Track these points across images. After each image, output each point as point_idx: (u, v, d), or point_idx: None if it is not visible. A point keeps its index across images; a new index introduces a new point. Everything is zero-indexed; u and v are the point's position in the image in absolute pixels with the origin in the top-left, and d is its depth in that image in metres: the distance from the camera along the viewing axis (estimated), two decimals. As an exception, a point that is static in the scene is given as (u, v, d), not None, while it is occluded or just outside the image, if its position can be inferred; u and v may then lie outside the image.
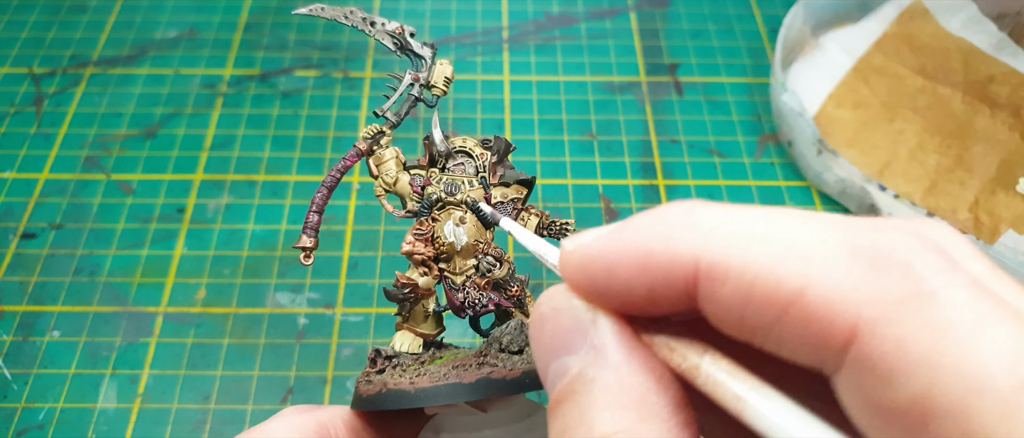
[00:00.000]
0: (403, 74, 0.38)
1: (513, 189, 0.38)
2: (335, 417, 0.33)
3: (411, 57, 0.39)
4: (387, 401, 0.32)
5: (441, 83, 0.39)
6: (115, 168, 0.67)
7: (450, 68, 0.39)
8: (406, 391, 0.32)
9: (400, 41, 0.39)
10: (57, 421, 0.52)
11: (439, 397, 0.31)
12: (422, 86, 0.38)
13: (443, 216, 0.37)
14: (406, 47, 0.39)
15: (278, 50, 0.77)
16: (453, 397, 0.31)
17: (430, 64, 0.39)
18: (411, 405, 0.31)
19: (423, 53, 0.39)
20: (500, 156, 0.38)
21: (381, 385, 0.33)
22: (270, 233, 0.63)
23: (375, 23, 0.39)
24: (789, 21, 0.71)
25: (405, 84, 0.38)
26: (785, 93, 0.67)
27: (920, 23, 0.71)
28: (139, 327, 0.57)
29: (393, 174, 0.38)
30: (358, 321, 0.58)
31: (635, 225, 0.22)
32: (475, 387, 0.31)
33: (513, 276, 0.37)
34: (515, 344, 0.33)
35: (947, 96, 0.68)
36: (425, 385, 0.31)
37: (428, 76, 0.38)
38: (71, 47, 0.77)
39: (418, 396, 0.31)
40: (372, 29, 0.39)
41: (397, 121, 0.38)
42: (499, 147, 0.38)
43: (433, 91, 0.39)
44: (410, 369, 0.33)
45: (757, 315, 0.20)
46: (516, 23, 0.81)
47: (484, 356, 0.33)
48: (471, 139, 0.39)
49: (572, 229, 0.38)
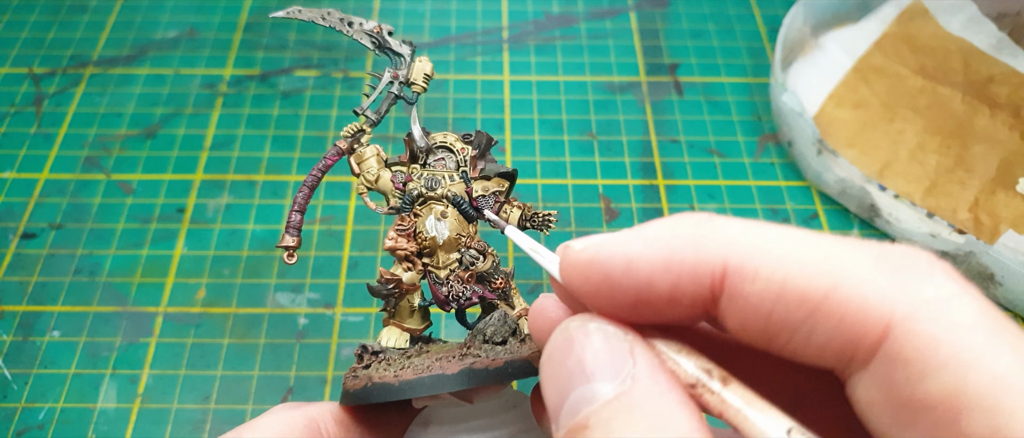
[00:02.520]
0: (382, 72, 0.39)
1: (494, 182, 0.38)
2: (325, 412, 0.34)
3: (390, 55, 0.39)
4: (372, 395, 0.32)
5: (420, 80, 0.39)
6: (115, 168, 0.67)
7: (429, 64, 0.39)
8: (390, 384, 0.32)
9: (378, 40, 0.39)
10: (57, 421, 0.52)
11: (422, 388, 0.32)
12: (402, 83, 0.39)
13: (424, 211, 0.38)
14: (384, 46, 0.39)
15: (278, 50, 0.77)
16: (436, 388, 0.32)
17: (409, 61, 0.39)
18: (395, 397, 0.32)
19: (402, 51, 0.39)
20: (481, 150, 0.38)
21: (366, 379, 0.33)
22: (270, 233, 0.63)
23: (352, 23, 0.39)
24: (789, 21, 0.71)
25: (384, 82, 0.39)
26: (785, 93, 0.67)
27: (920, 23, 0.71)
28: (139, 327, 0.57)
29: (374, 171, 0.38)
30: (358, 321, 0.58)
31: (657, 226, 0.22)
32: (458, 378, 0.32)
33: (497, 269, 0.38)
34: (498, 335, 0.34)
35: (947, 96, 0.68)
36: (409, 377, 0.32)
37: (407, 73, 0.39)
38: (71, 47, 0.77)
39: (402, 388, 0.32)
40: (350, 29, 0.39)
41: (377, 119, 0.38)
42: (480, 142, 0.38)
43: (413, 88, 0.39)
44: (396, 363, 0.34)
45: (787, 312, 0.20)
46: (516, 23, 0.81)
47: (468, 348, 0.33)
48: (452, 134, 0.39)
49: (554, 220, 0.38)
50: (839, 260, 0.20)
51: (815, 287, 0.20)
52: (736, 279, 0.21)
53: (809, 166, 0.67)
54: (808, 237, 0.21)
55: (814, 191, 0.67)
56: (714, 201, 0.66)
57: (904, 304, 0.19)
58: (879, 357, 0.19)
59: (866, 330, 0.19)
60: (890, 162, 0.65)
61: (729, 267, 0.21)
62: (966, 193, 0.63)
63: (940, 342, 0.18)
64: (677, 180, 0.67)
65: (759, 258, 0.21)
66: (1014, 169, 0.63)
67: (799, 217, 0.65)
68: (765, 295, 0.21)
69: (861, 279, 0.20)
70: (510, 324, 0.34)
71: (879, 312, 0.19)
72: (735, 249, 0.21)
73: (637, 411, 0.21)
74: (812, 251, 0.20)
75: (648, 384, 0.21)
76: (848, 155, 0.65)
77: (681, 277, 0.22)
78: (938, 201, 0.63)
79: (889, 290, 0.19)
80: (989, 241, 0.59)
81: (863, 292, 0.20)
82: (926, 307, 0.19)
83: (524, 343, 0.34)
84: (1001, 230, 0.60)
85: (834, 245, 0.21)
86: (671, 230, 0.22)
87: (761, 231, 0.21)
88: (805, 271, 0.20)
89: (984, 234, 0.60)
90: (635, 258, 0.22)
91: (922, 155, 0.65)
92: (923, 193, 0.63)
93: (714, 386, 0.21)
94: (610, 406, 0.21)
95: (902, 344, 0.19)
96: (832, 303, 0.20)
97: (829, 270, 0.20)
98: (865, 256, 0.20)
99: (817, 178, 0.66)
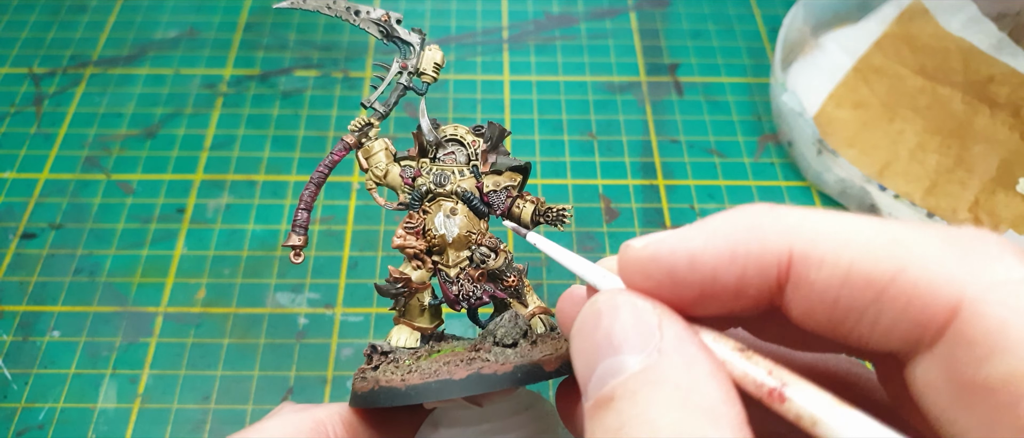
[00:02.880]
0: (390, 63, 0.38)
1: (506, 176, 0.37)
2: (332, 414, 0.33)
3: (398, 44, 0.38)
4: (379, 398, 0.32)
5: (430, 69, 0.38)
6: (115, 168, 0.67)
7: (440, 53, 0.38)
8: (397, 388, 0.31)
9: (386, 29, 0.38)
10: (57, 421, 0.52)
11: (429, 394, 0.31)
12: (411, 74, 0.37)
13: (434, 208, 0.36)
14: (392, 35, 0.38)
15: (278, 50, 0.77)
16: (442, 394, 0.31)
17: (418, 51, 0.38)
18: (403, 402, 0.31)
19: (411, 40, 0.38)
20: (493, 143, 0.37)
21: (374, 382, 0.32)
22: (270, 233, 0.63)
23: (359, 12, 0.38)
24: (789, 21, 0.71)
25: (393, 72, 0.37)
26: (785, 93, 0.67)
27: (920, 23, 0.71)
28: (139, 327, 0.57)
29: (383, 166, 0.37)
30: (358, 321, 0.58)
31: (719, 219, 0.23)
32: (465, 383, 0.31)
33: (510, 265, 0.36)
34: (509, 337, 0.33)
35: (947, 96, 0.68)
36: (415, 382, 0.31)
37: (417, 63, 0.37)
38: (71, 47, 0.77)
39: (408, 393, 0.31)
40: (356, 18, 0.38)
41: (386, 111, 0.37)
42: (492, 134, 0.37)
43: (422, 78, 0.38)
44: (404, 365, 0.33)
45: (853, 296, 0.20)
46: (516, 23, 0.81)
47: (477, 350, 0.33)
48: (462, 127, 0.38)
49: (569, 214, 0.37)
50: (905, 243, 0.20)
51: (882, 270, 0.20)
52: (802, 266, 0.21)
53: (809, 166, 0.67)
54: (873, 222, 0.21)
55: (814, 191, 0.67)
56: (714, 201, 0.66)
57: (974, 286, 0.19)
58: (946, 339, 0.19)
59: (935, 312, 0.19)
60: (890, 162, 0.65)
61: (794, 255, 0.21)
62: (966, 193, 0.63)
63: (1009, 324, 0.18)
64: (677, 180, 0.67)
65: (824, 244, 0.21)
66: (1014, 169, 0.63)
67: (799, 217, 0.65)
68: (831, 280, 0.21)
69: (929, 261, 0.20)
70: (521, 326, 0.33)
71: (948, 293, 0.19)
72: (800, 236, 0.21)
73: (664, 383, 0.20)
74: (878, 235, 0.20)
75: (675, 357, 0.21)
76: (848, 155, 0.65)
77: (747, 268, 0.22)
78: (938, 201, 0.63)
79: (958, 271, 0.19)
80: (989, 241, 0.59)
81: (931, 274, 0.19)
82: (996, 289, 0.19)
83: (535, 345, 0.33)
84: (1001, 230, 0.60)
85: (900, 229, 0.21)
86: (734, 222, 0.22)
87: (825, 217, 0.21)
88: (871, 255, 0.20)
89: (984, 234, 0.60)
90: (699, 252, 0.22)
91: (922, 155, 0.65)
92: (923, 193, 0.63)
93: (792, 392, 0.20)
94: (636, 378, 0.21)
95: (970, 325, 0.19)
96: (899, 286, 0.20)
97: (896, 253, 0.20)
98: (932, 238, 0.20)
99: (817, 178, 0.66)
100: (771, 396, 0.21)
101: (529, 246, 0.31)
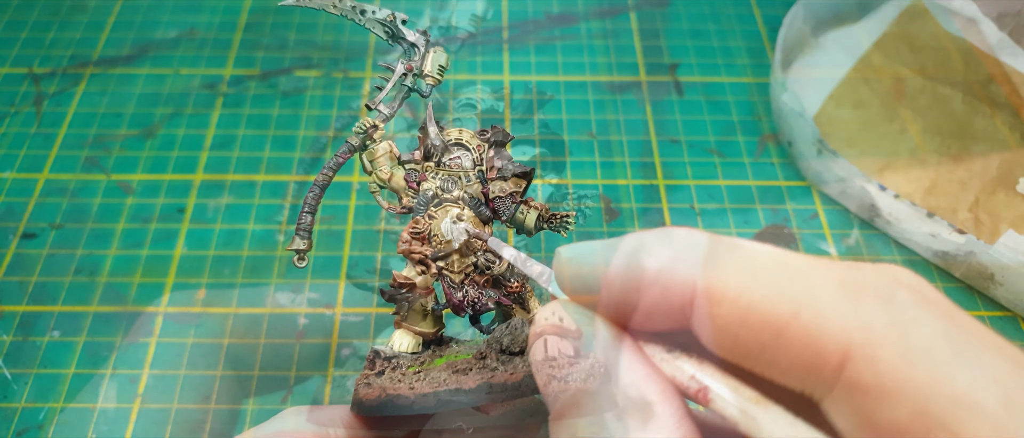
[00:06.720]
0: (395, 64, 0.37)
1: (511, 183, 0.37)
2: (334, 418, 0.33)
3: (403, 45, 0.37)
4: (387, 407, 0.31)
5: (435, 71, 0.37)
6: (115, 168, 0.67)
7: (444, 55, 0.37)
8: (405, 397, 0.31)
9: (391, 29, 0.37)
10: (57, 421, 0.52)
11: (438, 404, 0.31)
12: (416, 76, 0.37)
13: (439, 213, 0.36)
14: (397, 35, 0.37)
15: (278, 50, 0.77)
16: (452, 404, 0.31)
17: (423, 52, 0.37)
18: (411, 412, 0.31)
19: (416, 41, 0.37)
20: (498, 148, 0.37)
21: (380, 390, 0.32)
22: (270, 233, 0.63)
23: (365, 11, 0.38)
24: (789, 21, 0.71)
25: (398, 74, 0.37)
26: (785, 93, 0.67)
27: (920, 23, 0.71)
28: (139, 327, 0.57)
29: (387, 169, 0.37)
30: (358, 321, 0.58)
31: (633, 242, 0.23)
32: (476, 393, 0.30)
33: (513, 271, 0.36)
34: (516, 344, 0.33)
35: (947, 96, 0.68)
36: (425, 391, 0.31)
37: (421, 65, 0.37)
38: (71, 47, 0.77)
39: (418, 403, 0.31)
40: (362, 17, 0.38)
41: (390, 114, 0.37)
42: (497, 137, 0.37)
43: (427, 80, 0.37)
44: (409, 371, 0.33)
45: (752, 336, 0.21)
46: (516, 23, 0.81)
47: (484, 358, 0.32)
48: (467, 131, 0.37)
49: (572, 222, 0.37)
50: (803, 285, 0.20)
51: (778, 313, 0.20)
52: (704, 302, 0.21)
53: (809, 166, 0.67)
54: (777, 260, 0.21)
55: (814, 191, 0.67)
56: (714, 201, 0.66)
57: (861, 331, 0.19)
58: (841, 384, 0.19)
59: (826, 357, 0.19)
60: (890, 162, 0.65)
61: (699, 290, 0.21)
62: (966, 193, 0.62)
63: (896, 369, 0.18)
64: (677, 180, 0.67)
65: (726, 282, 0.21)
66: (1014, 169, 0.63)
67: (799, 217, 0.65)
68: (730, 319, 0.21)
69: (822, 305, 0.20)
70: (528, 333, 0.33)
71: (838, 339, 0.19)
72: (705, 272, 0.21)
73: (599, 392, 0.22)
74: (778, 276, 0.21)
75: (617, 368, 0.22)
76: (848, 155, 0.65)
77: (654, 297, 0.22)
78: (938, 201, 0.63)
79: (849, 316, 0.19)
80: (989, 241, 0.59)
81: (821, 319, 0.20)
82: (884, 333, 0.19)
83: None
84: (1001, 230, 0.60)
85: (801, 269, 0.21)
86: (648, 247, 0.22)
87: (734, 254, 0.22)
88: (769, 297, 0.20)
89: (984, 234, 0.60)
90: (610, 276, 0.23)
91: (922, 155, 0.65)
92: (923, 193, 0.63)
93: (711, 384, 0.22)
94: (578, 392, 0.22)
95: (861, 371, 0.19)
96: (793, 330, 0.20)
97: (792, 296, 0.20)
98: (830, 281, 0.20)
99: (817, 178, 0.66)
100: (698, 396, 0.22)
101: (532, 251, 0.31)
